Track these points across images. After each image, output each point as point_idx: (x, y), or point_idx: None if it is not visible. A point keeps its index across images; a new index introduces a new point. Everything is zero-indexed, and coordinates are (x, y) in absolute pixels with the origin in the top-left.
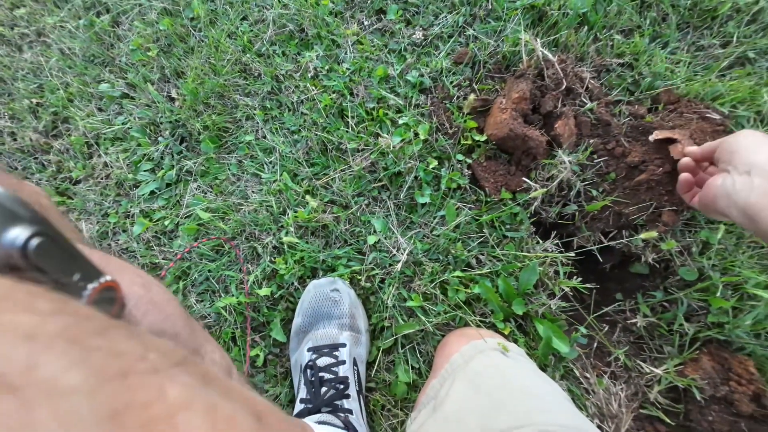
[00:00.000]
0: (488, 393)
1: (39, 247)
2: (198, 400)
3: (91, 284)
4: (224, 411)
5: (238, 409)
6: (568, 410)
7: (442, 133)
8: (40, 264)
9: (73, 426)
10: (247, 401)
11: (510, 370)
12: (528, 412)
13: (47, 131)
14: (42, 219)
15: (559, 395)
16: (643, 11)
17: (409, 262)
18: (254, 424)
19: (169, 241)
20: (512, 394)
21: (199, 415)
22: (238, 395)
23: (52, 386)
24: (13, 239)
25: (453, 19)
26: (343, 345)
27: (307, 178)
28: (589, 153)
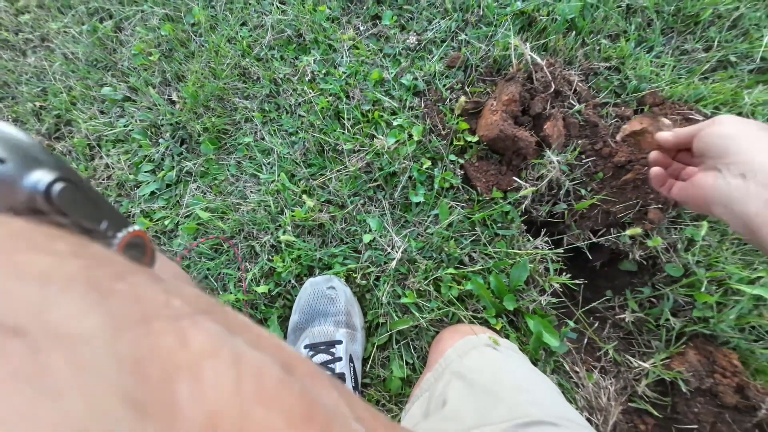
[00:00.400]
0: (483, 388)
1: (63, 192)
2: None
3: (120, 233)
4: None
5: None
6: (559, 403)
7: (436, 134)
8: (65, 208)
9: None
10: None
11: (503, 365)
12: (521, 404)
13: (50, 134)
14: (65, 166)
15: (551, 388)
16: (628, 17)
17: (404, 260)
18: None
19: (169, 241)
20: (506, 388)
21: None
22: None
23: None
24: (36, 182)
25: (446, 25)
26: (339, 342)
27: (304, 178)
28: (578, 153)
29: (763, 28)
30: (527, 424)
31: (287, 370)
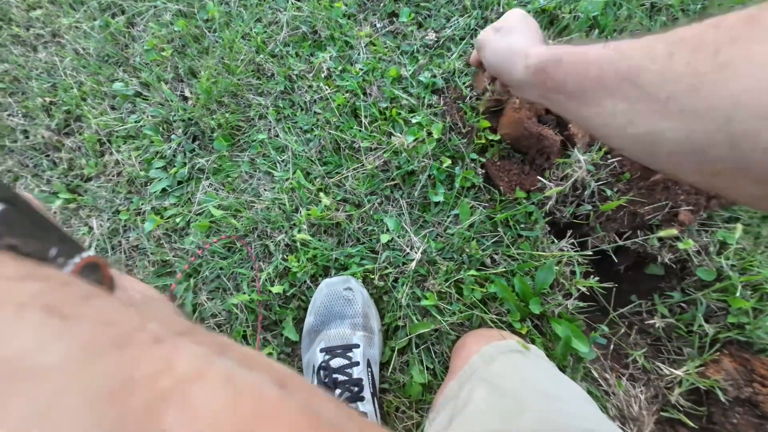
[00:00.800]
0: (510, 393)
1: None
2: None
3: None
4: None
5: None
6: (591, 414)
7: (456, 132)
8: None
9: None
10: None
11: (531, 372)
12: (551, 413)
13: (60, 129)
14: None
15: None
16: (653, 15)
17: (423, 261)
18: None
19: (180, 239)
20: (535, 395)
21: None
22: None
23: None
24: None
25: (465, 22)
26: (357, 346)
27: (319, 176)
28: (603, 153)
29: None
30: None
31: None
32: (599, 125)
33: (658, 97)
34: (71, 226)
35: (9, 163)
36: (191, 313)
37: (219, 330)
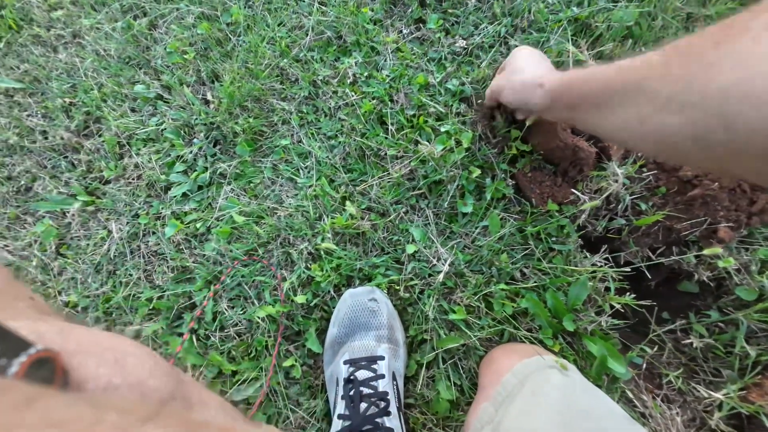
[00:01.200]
0: (549, 412)
1: None
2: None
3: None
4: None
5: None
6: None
7: (486, 142)
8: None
9: None
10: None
11: (571, 390)
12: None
13: (79, 131)
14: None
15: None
16: (689, 26)
17: (451, 273)
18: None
19: (201, 245)
20: (576, 414)
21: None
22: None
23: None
24: None
25: (494, 30)
26: (382, 358)
27: (344, 183)
28: (639, 166)
29: None
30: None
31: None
32: (615, 130)
33: (661, 97)
34: (89, 229)
35: (27, 163)
36: (211, 322)
37: (240, 339)
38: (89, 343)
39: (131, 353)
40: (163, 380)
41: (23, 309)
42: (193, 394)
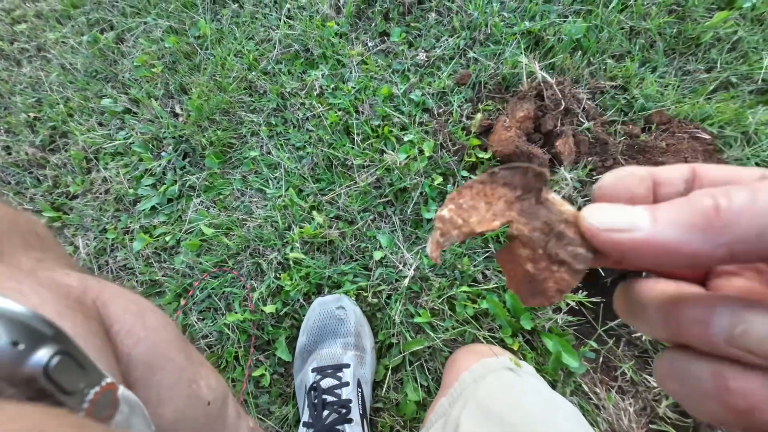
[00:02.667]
0: (500, 417)
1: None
2: None
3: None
4: None
5: None
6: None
7: (446, 150)
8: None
9: None
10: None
11: (521, 392)
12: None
13: (44, 146)
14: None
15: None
16: (632, 38)
17: (416, 278)
18: None
19: (170, 258)
20: (524, 418)
21: None
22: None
23: None
24: (39, 359)
25: (454, 42)
26: (347, 365)
27: (312, 193)
28: (589, 170)
29: (761, 51)
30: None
31: None
32: None
33: None
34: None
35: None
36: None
37: (210, 350)
38: (120, 294)
39: (150, 308)
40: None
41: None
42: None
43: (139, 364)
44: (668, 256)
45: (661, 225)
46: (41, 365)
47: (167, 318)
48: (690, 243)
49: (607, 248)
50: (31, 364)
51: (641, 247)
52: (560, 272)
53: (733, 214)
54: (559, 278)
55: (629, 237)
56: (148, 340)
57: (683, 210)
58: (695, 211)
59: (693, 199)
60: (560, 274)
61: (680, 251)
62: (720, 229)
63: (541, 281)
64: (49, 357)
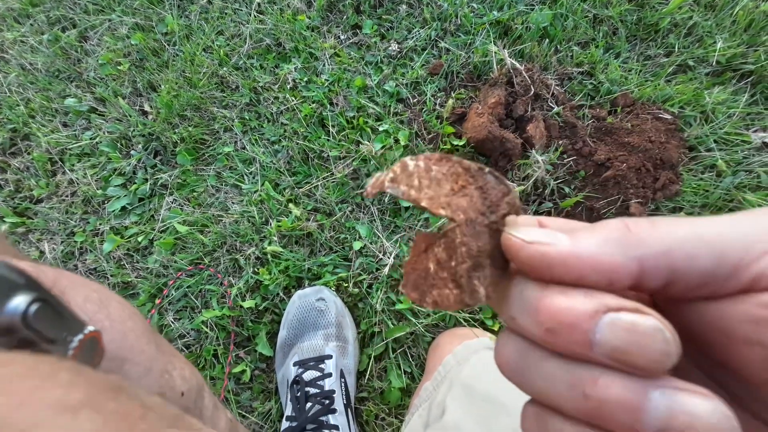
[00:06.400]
0: (483, 396)
1: (38, 312)
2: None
3: (77, 337)
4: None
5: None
6: None
7: (422, 138)
8: (38, 326)
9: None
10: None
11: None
12: None
13: (4, 149)
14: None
15: None
16: (596, 26)
17: (396, 266)
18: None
19: (143, 258)
20: (507, 394)
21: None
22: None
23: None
24: (15, 307)
25: (425, 33)
26: (329, 357)
27: (289, 187)
28: (560, 153)
29: (714, 35)
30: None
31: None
32: None
33: None
34: (20, 251)
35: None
36: None
37: (188, 350)
38: (80, 283)
39: (115, 299)
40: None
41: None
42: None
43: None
44: (589, 267)
45: (581, 240)
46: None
47: (134, 309)
48: (608, 254)
49: (533, 261)
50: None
51: (565, 259)
52: (450, 291)
53: (642, 232)
54: (445, 294)
55: (555, 249)
56: (113, 330)
57: (598, 228)
58: (611, 229)
59: (604, 222)
60: (449, 292)
61: (600, 261)
62: (633, 243)
63: (429, 284)
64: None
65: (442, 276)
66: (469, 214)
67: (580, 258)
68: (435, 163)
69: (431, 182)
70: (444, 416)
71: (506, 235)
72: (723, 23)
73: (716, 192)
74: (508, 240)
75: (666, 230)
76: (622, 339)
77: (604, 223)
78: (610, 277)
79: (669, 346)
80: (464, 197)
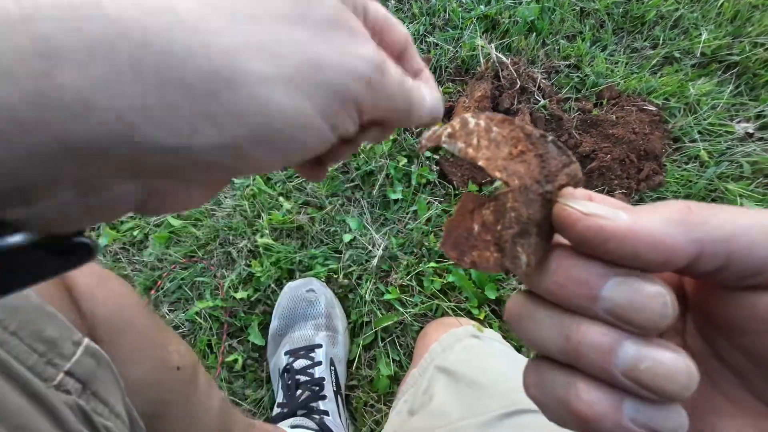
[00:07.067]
0: (468, 381)
1: None
2: None
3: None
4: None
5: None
6: None
7: (410, 132)
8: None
9: None
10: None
11: (487, 356)
12: (506, 393)
13: None
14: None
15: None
16: (582, 19)
17: (385, 257)
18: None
19: (139, 252)
20: (490, 378)
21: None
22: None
23: None
24: None
25: (414, 28)
26: (319, 346)
27: (280, 181)
28: None
29: (700, 26)
30: (512, 414)
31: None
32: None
33: None
34: None
35: None
36: None
37: None
38: None
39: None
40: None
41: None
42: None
43: (102, 324)
44: (647, 245)
45: (641, 217)
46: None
47: (131, 288)
48: (668, 234)
49: (588, 233)
50: None
51: (624, 234)
52: (491, 254)
53: (705, 215)
54: (485, 257)
55: (614, 224)
56: (111, 302)
57: (660, 207)
58: (672, 209)
59: (665, 202)
60: (489, 255)
61: (658, 240)
62: (694, 225)
63: (470, 245)
64: None
65: (485, 238)
66: (525, 180)
67: (639, 235)
68: (496, 124)
69: (490, 143)
70: (431, 402)
71: (562, 205)
72: (708, 15)
73: (699, 182)
74: (563, 211)
75: (729, 216)
76: (626, 297)
77: (666, 203)
78: (668, 256)
79: (667, 309)
80: (522, 163)
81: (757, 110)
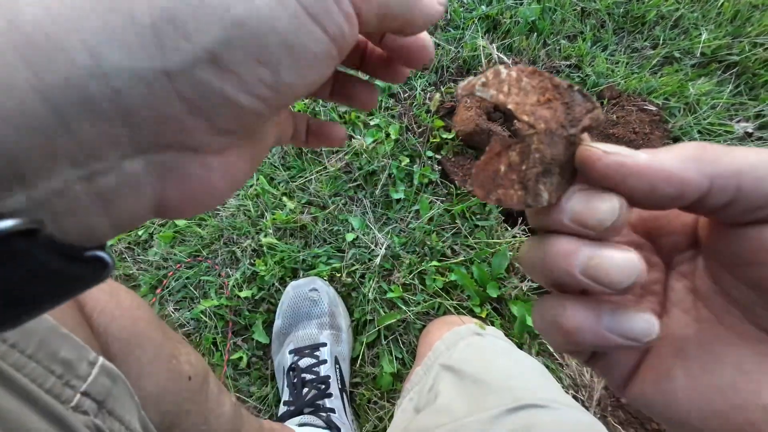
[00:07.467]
0: (472, 378)
1: None
2: None
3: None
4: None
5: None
6: (547, 385)
7: (412, 132)
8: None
9: None
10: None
11: (491, 353)
12: (510, 389)
13: None
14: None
15: (539, 371)
16: (583, 19)
17: (388, 256)
18: None
19: (144, 251)
20: (495, 375)
21: None
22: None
23: None
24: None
25: None
26: (324, 344)
27: (283, 181)
28: None
29: (700, 26)
30: (517, 409)
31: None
32: None
33: None
34: None
35: None
36: None
37: (188, 339)
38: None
39: (123, 289)
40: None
41: None
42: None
43: (115, 340)
44: (662, 179)
45: (659, 155)
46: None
47: (141, 300)
48: (682, 169)
49: (609, 170)
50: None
51: (642, 170)
52: (515, 192)
53: (717, 153)
54: (509, 194)
55: (633, 160)
56: (123, 318)
57: (676, 147)
58: (688, 148)
59: (682, 143)
60: (513, 192)
61: (674, 174)
62: (707, 161)
63: (496, 184)
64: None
65: (511, 177)
66: (551, 124)
67: (656, 170)
68: (527, 75)
69: (520, 91)
70: (437, 400)
71: (585, 146)
72: (709, 15)
73: None
74: (586, 151)
75: (740, 154)
76: (582, 203)
77: (682, 144)
78: (681, 190)
79: (613, 206)
80: (549, 109)
81: (757, 110)
